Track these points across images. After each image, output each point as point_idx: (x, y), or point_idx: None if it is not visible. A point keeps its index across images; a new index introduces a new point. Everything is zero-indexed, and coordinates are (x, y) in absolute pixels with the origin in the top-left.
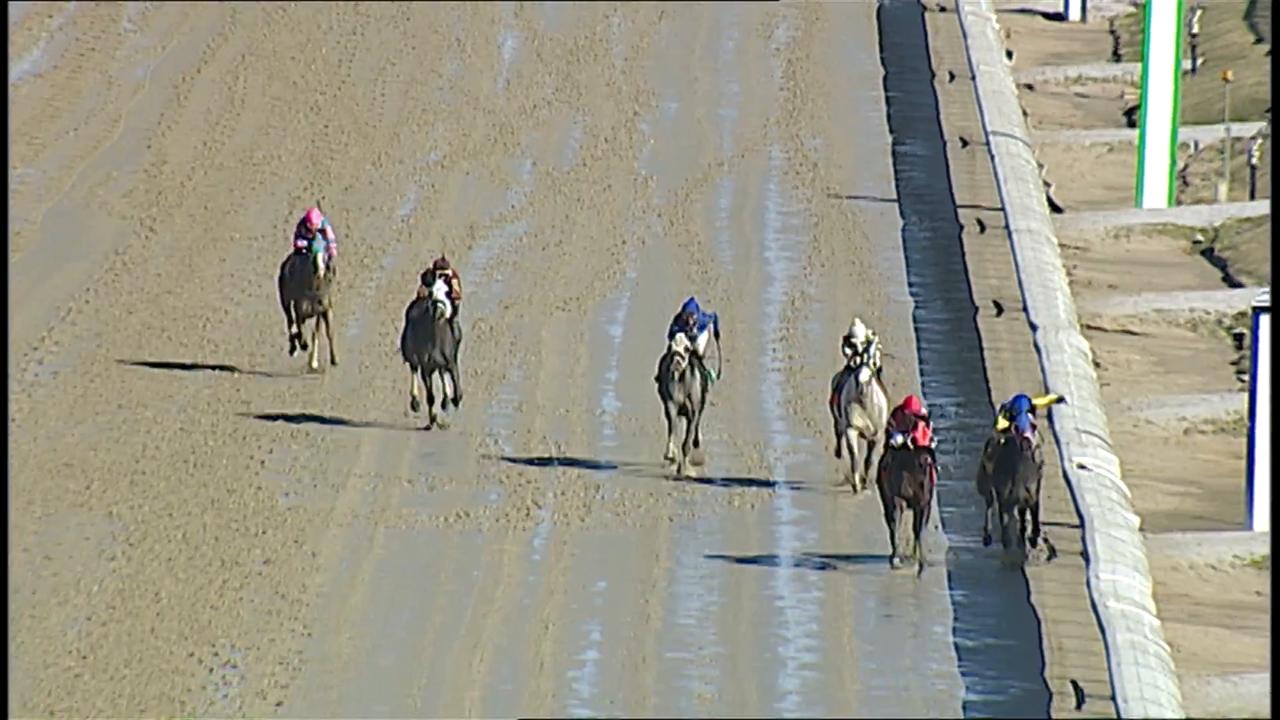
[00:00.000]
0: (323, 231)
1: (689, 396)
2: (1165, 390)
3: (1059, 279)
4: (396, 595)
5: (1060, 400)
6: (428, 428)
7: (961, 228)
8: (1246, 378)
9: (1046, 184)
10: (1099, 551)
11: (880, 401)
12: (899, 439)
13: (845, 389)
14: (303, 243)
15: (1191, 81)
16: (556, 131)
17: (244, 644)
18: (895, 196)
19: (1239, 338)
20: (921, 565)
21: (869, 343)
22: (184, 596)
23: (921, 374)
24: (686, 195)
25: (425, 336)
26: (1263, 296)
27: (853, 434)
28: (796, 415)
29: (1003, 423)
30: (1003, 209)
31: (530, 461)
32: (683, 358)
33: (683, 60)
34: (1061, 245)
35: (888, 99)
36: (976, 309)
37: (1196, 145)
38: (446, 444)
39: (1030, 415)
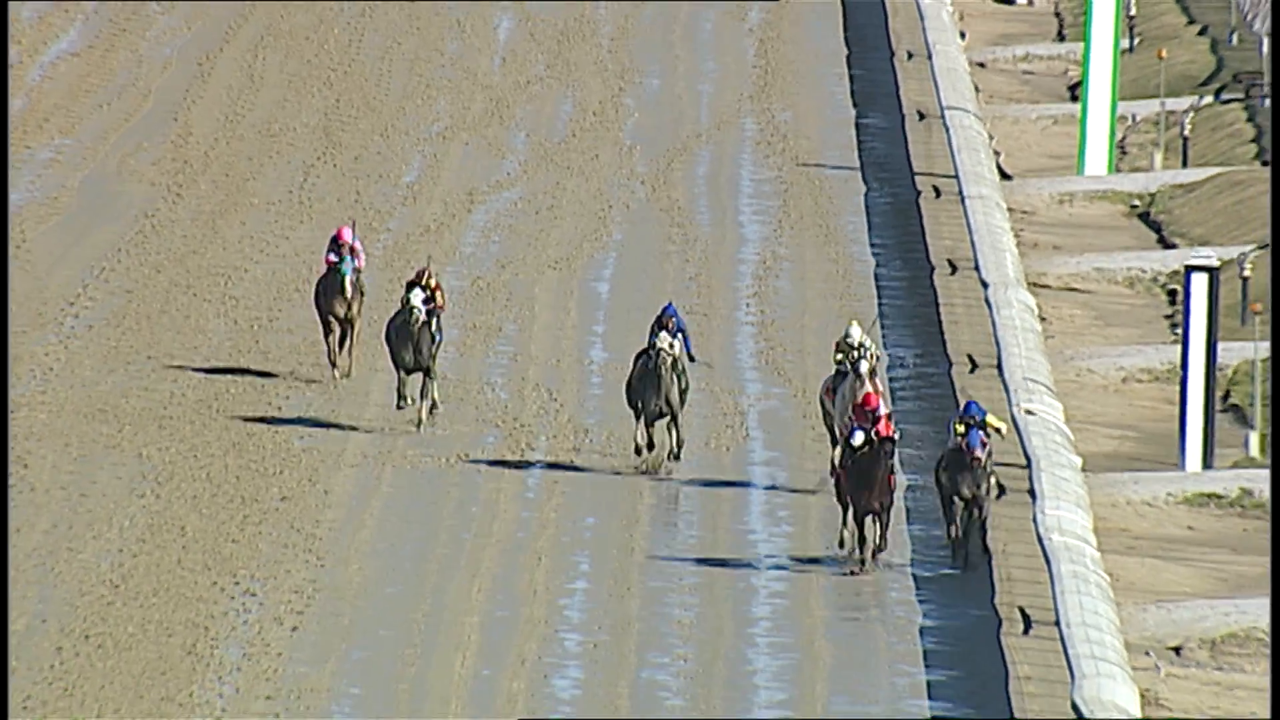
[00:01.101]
0: (353, 249)
1: (668, 401)
2: (1105, 342)
3: (1008, 240)
4: (402, 529)
5: (1002, 435)
6: (417, 427)
7: (919, 193)
8: (1179, 331)
9: (996, 153)
10: (1044, 489)
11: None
12: (859, 437)
13: (841, 390)
14: (334, 258)
15: (1129, 59)
16: (548, 105)
17: (262, 574)
18: (858, 165)
19: (1172, 294)
20: (878, 552)
21: (863, 345)
22: (207, 530)
23: (883, 327)
24: (667, 164)
25: (405, 340)
26: (1194, 257)
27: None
28: (768, 365)
29: (960, 428)
30: (956, 176)
31: (524, 407)
32: (668, 354)
33: (664, 40)
34: (1010, 210)
35: (851, 76)
36: (933, 267)
37: (1134, 118)
38: (448, 391)
39: (982, 433)
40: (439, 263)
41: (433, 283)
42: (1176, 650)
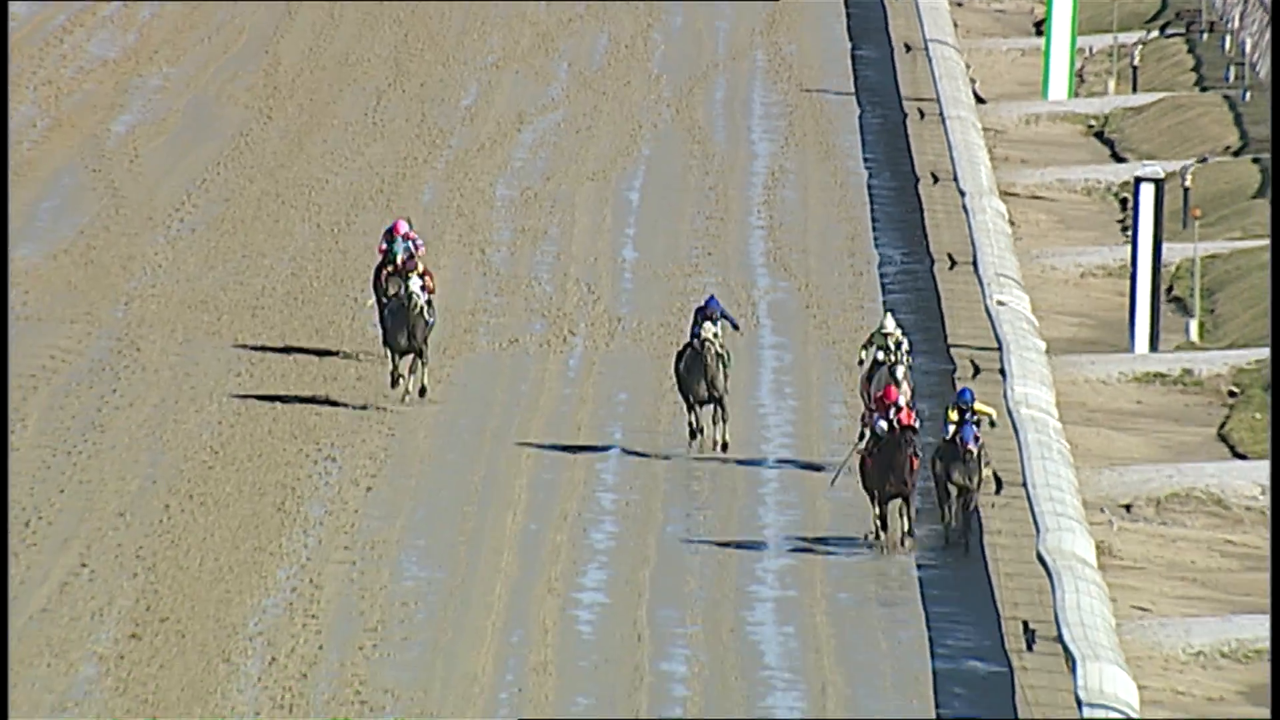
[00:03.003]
0: (408, 237)
1: (713, 387)
2: (1066, 243)
3: (982, 155)
4: (461, 405)
5: (993, 423)
6: (402, 400)
7: (905, 115)
8: (1129, 233)
9: (972, 80)
10: (1013, 369)
11: (908, 393)
12: (883, 424)
13: (876, 379)
14: (385, 245)
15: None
16: (586, 39)
17: (341, 442)
18: (853, 90)
19: (1124, 202)
20: (913, 536)
21: (899, 344)
22: (294, 405)
23: (874, 231)
24: (689, 90)
25: (401, 324)
26: (1142, 170)
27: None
28: (776, 263)
29: (954, 415)
30: (938, 100)
31: (566, 299)
32: (712, 343)
33: None
34: (984, 129)
35: (848, 14)
36: (917, 179)
37: (1091, 50)
38: (501, 285)
39: (975, 428)
40: (493, 175)
41: (420, 268)
42: (1127, 508)
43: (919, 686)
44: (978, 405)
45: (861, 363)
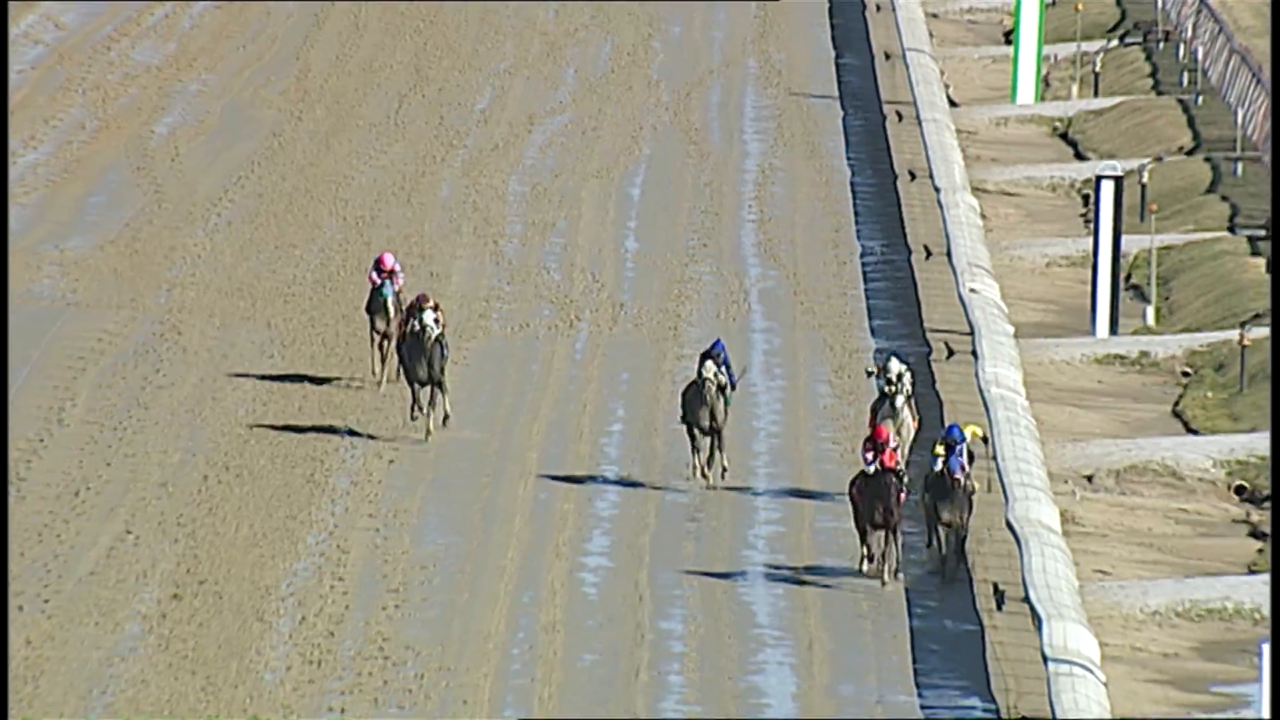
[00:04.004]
0: (393, 273)
1: (714, 418)
2: (1032, 235)
3: (955, 155)
4: (476, 385)
5: (985, 439)
6: (425, 436)
7: (885, 117)
8: (1091, 226)
9: (946, 86)
10: (985, 351)
11: (910, 423)
12: (872, 468)
13: (880, 412)
14: (376, 278)
15: (1053, 11)
16: (592, 48)
17: (365, 419)
18: (837, 95)
19: (1086, 197)
20: (898, 570)
21: (901, 376)
22: (323, 385)
23: (856, 223)
24: (686, 94)
25: (418, 356)
26: (1103, 168)
27: None
28: (766, 253)
29: (940, 449)
30: (915, 104)
31: (573, 286)
32: (713, 383)
33: None
34: (958, 130)
35: (832, 25)
36: (896, 176)
37: (1055, 58)
38: (513, 273)
39: (962, 458)
40: (505, 172)
41: (431, 302)
42: (1089, 479)
43: (898, 644)
44: (968, 432)
45: (869, 375)
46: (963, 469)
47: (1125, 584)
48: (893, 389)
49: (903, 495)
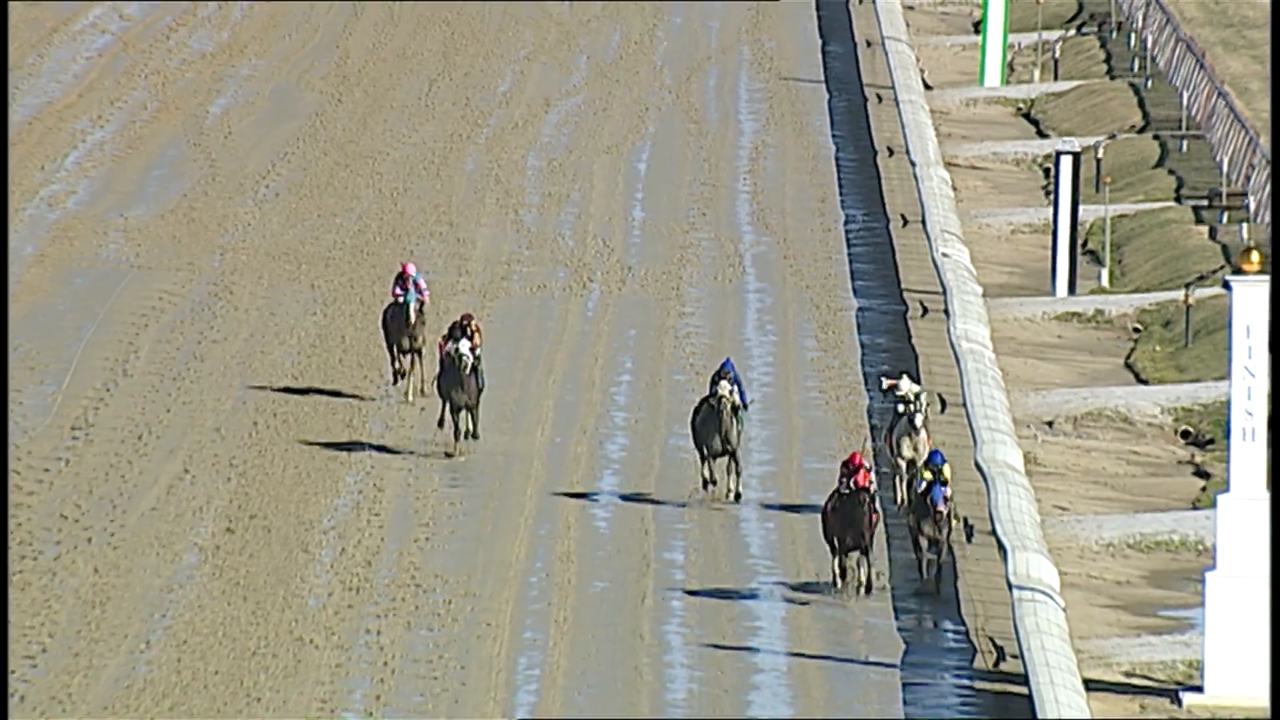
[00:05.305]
0: (415, 283)
1: (727, 441)
2: (999, 205)
3: (929, 133)
4: (497, 340)
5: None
6: (449, 455)
7: (866, 99)
8: (1052, 196)
9: (921, 70)
10: (955, 309)
11: (925, 443)
12: (847, 489)
13: (897, 429)
14: (399, 292)
15: (1017, 3)
16: (602, 36)
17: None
18: (823, 79)
19: (1047, 171)
20: (870, 587)
21: (917, 395)
22: (361, 339)
23: (840, 194)
24: (687, 78)
25: (454, 383)
26: (1062, 144)
27: (902, 463)
28: (759, 221)
29: (928, 475)
30: (893, 86)
31: (585, 251)
32: (728, 400)
33: None
34: (931, 111)
35: (819, 16)
36: (876, 152)
37: (1020, 45)
38: (531, 239)
39: (946, 488)
40: (524, 148)
41: (473, 324)
42: (1049, 424)
43: (877, 569)
44: (944, 471)
45: (884, 391)
46: (945, 499)
47: (1082, 518)
48: (911, 408)
49: (875, 517)
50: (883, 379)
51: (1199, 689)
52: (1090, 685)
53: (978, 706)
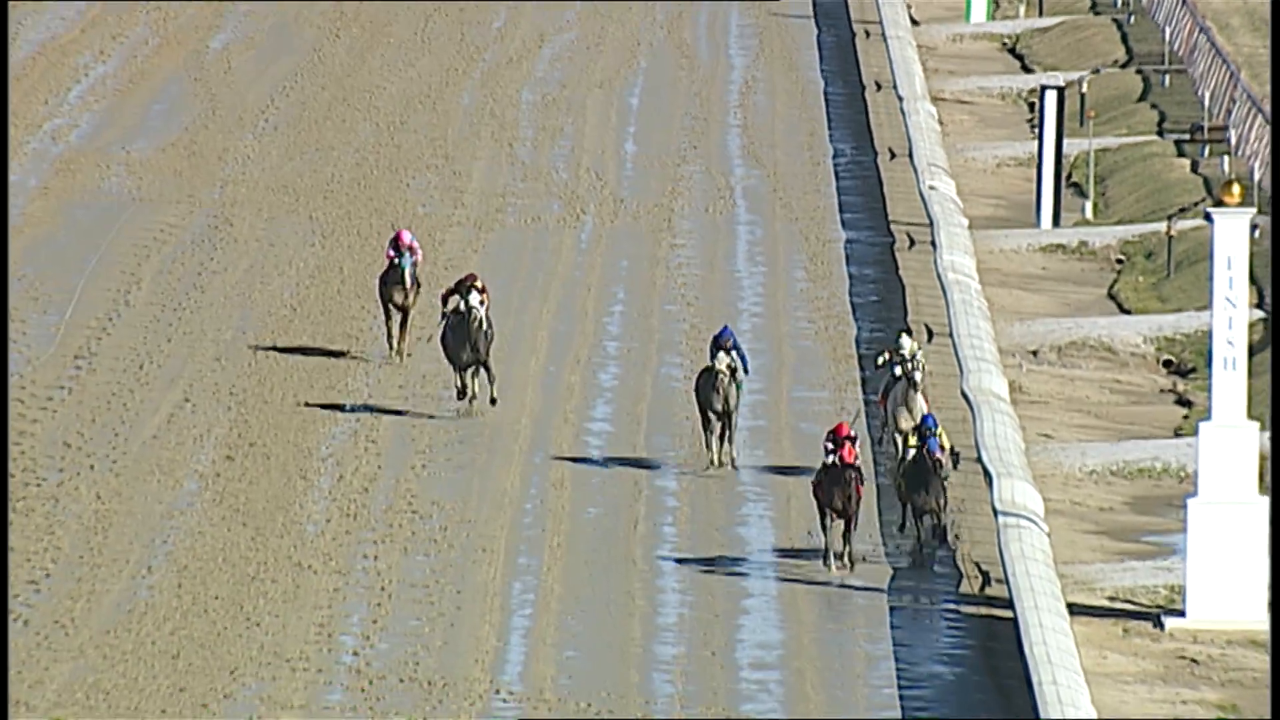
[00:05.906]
0: (411, 248)
1: (726, 403)
2: (985, 139)
3: (916, 68)
4: (493, 271)
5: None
6: (467, 415)
7: (854, 35)
8: (1037, 130)
9: (909, 6)
10: (942, 240)
11: (922, 406)
12: (831, 458)
13: (893, 394)
14: (393, 254)
15: None
16: None
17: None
18: (812, 14)
19: (1031, 105)
20: (853, 562)
21: (914, 354)
22: (359, 271)
23: (829, 128)
24: (679, 14)
25: (463, 339)
26: (1047, 79)
27: (899, 438)
28: (749, 155)
29: (914, 440)
30: (880, 22)
31: (579, 184)
32: (724, 374)
33: None
34: (918, 46)
35: None
36: (864, 87)
37: None
38: (526, 172)
39: (938, 439)
40: (519, 83)
41: (479, 283)
42: (1034, 353)
43: (865, 498)
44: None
45: (879, 366)
46: (942, 448)
47: (1066, 446)
48: (910, 365)
49: (861, 489)
50: (878, 357)
51: (1181, 613)
52: (1074, 609)
53: (964, 630)
